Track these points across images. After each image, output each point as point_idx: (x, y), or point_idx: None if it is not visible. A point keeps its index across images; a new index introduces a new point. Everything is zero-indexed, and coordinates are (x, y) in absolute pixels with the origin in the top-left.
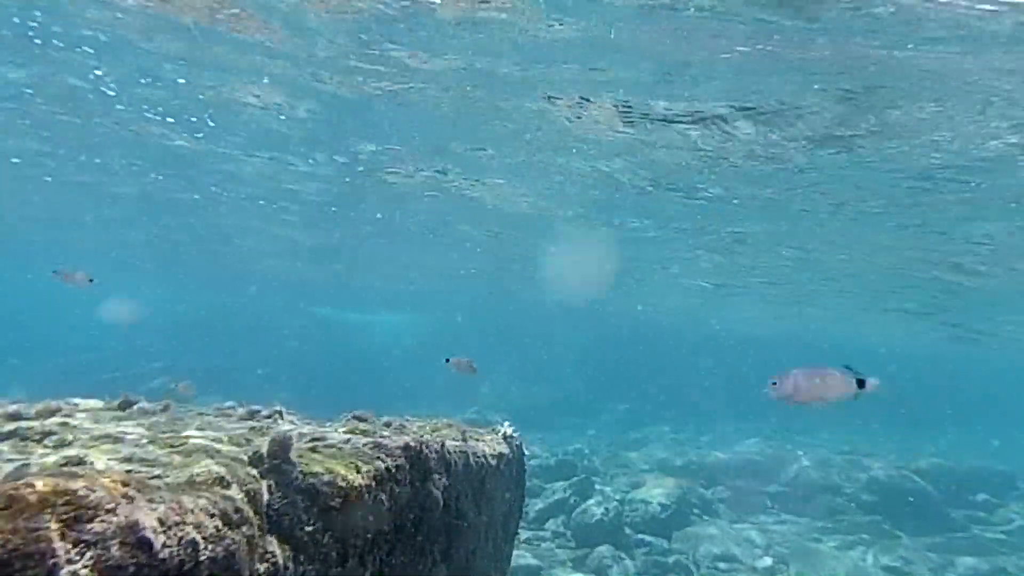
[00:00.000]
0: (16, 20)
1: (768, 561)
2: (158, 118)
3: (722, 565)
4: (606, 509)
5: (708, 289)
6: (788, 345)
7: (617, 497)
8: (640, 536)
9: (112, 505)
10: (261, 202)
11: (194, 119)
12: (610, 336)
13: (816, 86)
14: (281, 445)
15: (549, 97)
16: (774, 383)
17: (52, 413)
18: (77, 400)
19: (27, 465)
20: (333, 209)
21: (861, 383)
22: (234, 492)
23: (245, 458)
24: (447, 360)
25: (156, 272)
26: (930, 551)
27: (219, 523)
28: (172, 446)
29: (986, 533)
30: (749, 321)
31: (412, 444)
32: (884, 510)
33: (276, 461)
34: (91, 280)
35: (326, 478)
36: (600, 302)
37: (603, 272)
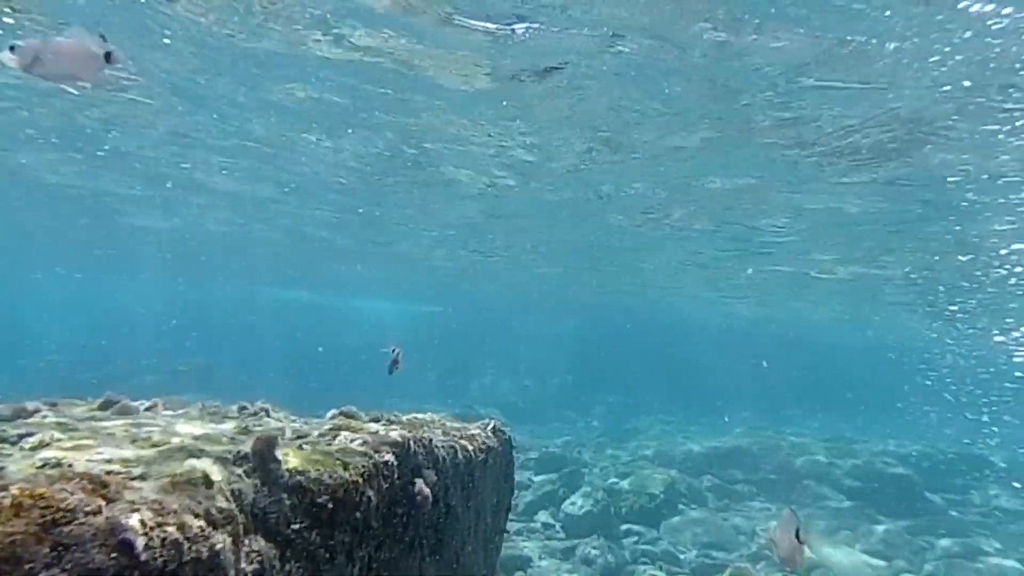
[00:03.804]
0: None
1: (754, 548)
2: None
3: (710, 553)
4: (595, 500)
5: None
6: (777, 337)
7: (606, 488)
8: (629, 526)
9: (91, 507)
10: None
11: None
12: (600, 329)
13: None
14: (267, 443)
15: None
16: (11, 48)
17: (30, 414)
18: (56, 400)
19: (3, 469)
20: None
21: (109, 55)
22: (218, 491)
23: (230, 457)
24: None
25: (141, 270)
26: (911, 534)
27: (203, 523)
28: (155, 445)
29: (963, 515)
30: (738, 315)
31: (400, 440)
32: (866, 495)
33: (262, 459)
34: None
35: (313, 475)
36: (592, 294)
37: None
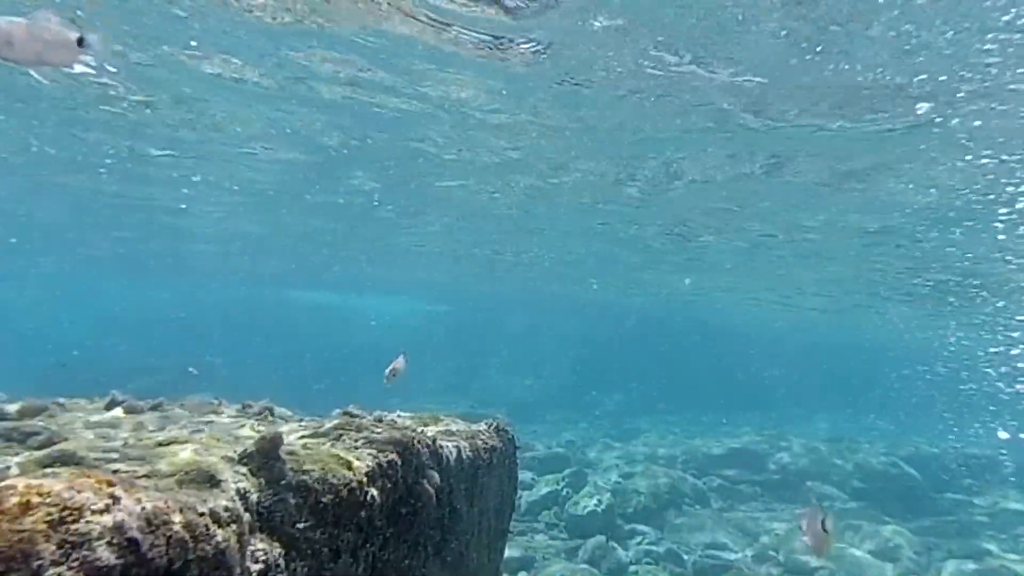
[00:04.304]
0: None
1: (758, 548)
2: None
3: (713, 553)
4: (599, 500)
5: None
6: (781, 336)
7: (610, 488)
8: (633, 526)
9: (98, 505)
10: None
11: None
12: (603, 328)
13: None
14: (271, 442)
15: None
16: None
17: (35, 412)
18: (61, 399)
19: (9, 468)
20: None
21: (81, 40)
22: (224, 490)
23: (235, 455)
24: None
25: (145, 268)
26: (917, 535)
27: (208, 521)
28: (160, 444)
29: (971, 517)
30: (742, 314)
31: (404, 439)
32: (872, 496)
33: (266, 458)
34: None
35: (317, 474)
36: (594, 294)
37: None
